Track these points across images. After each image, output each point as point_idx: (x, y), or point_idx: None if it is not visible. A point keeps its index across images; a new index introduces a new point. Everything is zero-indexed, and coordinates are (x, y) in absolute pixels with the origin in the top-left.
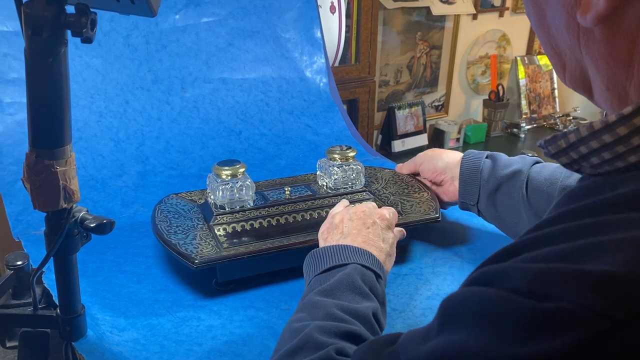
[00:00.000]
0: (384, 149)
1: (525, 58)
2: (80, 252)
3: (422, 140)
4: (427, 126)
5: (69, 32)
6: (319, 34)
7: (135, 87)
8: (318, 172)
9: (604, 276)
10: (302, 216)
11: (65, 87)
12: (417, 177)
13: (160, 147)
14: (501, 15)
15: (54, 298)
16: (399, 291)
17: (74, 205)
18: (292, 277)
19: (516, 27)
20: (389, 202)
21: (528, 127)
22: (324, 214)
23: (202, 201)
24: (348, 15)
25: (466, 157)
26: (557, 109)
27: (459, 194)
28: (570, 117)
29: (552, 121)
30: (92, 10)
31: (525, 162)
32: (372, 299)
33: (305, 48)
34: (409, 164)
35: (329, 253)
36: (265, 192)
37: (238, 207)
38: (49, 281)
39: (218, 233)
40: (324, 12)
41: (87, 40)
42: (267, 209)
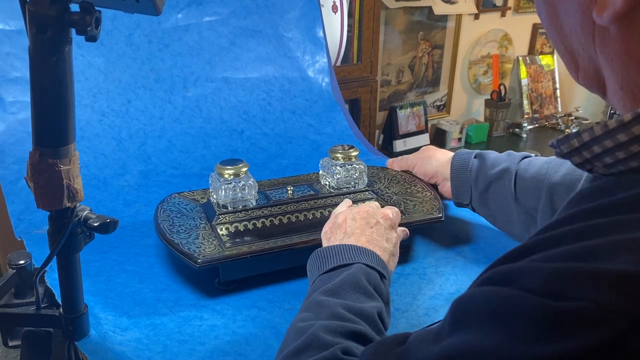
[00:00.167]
0: (386, 148)
1: (527, 58)
2: (82, 252)
3: (423, 140)
4: (429, 126)
5: (73, 31)
6: (321, 34)
7: (137, 86)
8: (320, 172)
9: (621, 275)
10: (305, 215)
11: (69, 86)
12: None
13: (163, 147)
14: (503, 15)
15: (56, 297)
16: (402, 291)
17: (78, 204)
18: (294, 276)
19: (518, 27)
20: (391, 202)
21: (530, 127)
22: (326, 213)
23: (205, 200)
24: (350, 15)
25: (455, 157)
26: (559, 109)
27: (452, 194)
28: (572, 117)
29: (554, 121)
30: (96, 8)
31: (512, 159)
32: (376, 298)
33: (308, 47)
34: (401, 162)
35: (333, 252)
36: (267, 192)
37: (240, 207)
38: (52, 280)
39: (220, 232)
40: (326, 12)
41: (91, 38)
42: (269, 208)
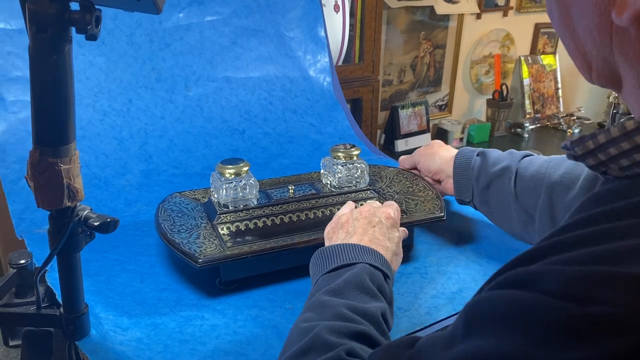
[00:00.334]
0: (387, 148)
1: (529, 58)
2: (83, 251)
3: (425, 139)
4: (431, 126)
5: (73, 29)
6: (322, 33)
7: (138, 86)
8: (322, 171)
9: None
10: (306, 215)
11: (69, 85)
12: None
13: (164, 146)
14: (505, 14)
15: (57, 297)
16: (404, 290)
17: (78, 203)
18: (296, 276)
19: (520, 27)
20: (393, 201)
21: (532, 127)
22: (328, 212)
23: (206, 200)
24: (352, 14)
25: (458, 155)
26: (561, 109)
27: (455, 192)
28: (574, 117)
29: (555, 121)
30: (96, 7)
31: (513, 157)
32: (380, 299)
33: (309, 47)
34: (409, 159)
35: (336, 252)
36: (269, 191)
37: (242, 206)
38: (53, 280)
39: (222, 232)
40: (327, 11)
41: (91, 37)
42: (270, 207)
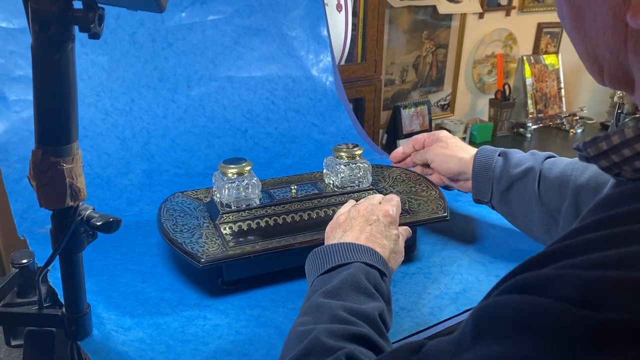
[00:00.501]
0: (390, 148)
1: (532, 57)
2: (85, 251)
3: None
4: (433, 125)
5: (76, 28)
6: (325, 32)
7: (141, 85)
8: (325, 171)
9: None
10: (309, 215)
11: (72, 84)
12: (426, 174)
13: (166, 146)
14: (508, 14)
15: (59, 297)
16: (407, 290)
17: (80, 203)
18: (298, 276)
19: (523, 26)
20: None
21: (534, 126)
22: (330, 212)
23: (208, 200)
24: (354, 14)
25: (479, 154)
26: (564, 109)
27: (473, 191)
28: (577, 117)
29: (558, 121)
30: (99, 5)
31: (536, 158)
32: (377, 298)
33: (312, 46)
34: (420, 156)
35: (332, 252)
36: (271, 191)
37: (244, 206)
38: (55, 280)
39: (224, 232)
40: (330, 10)
41: (94, 36)
42: (273, 207)
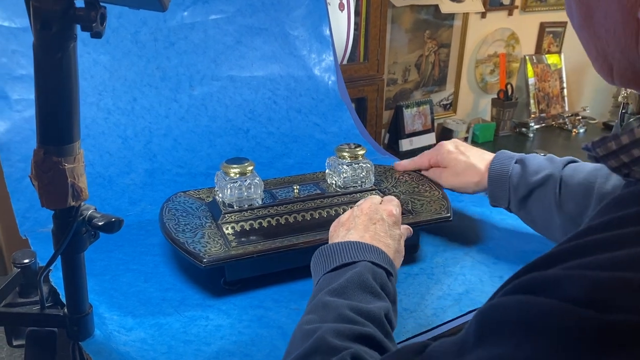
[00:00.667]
0: (392, 147)
1: (534, 57)
2: (87, 250)
3: (430, 139)
4: (435, 125)
5: (78, 27)
6: (327, 32)
7: (143, 85)
8: (327, 171)
9: None
10: (311, 215)
11: (74, 83)
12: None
13: (168, 145)
14: (510, 13)
15: (61, 297)
16: (410, 291)
17: (82, 202)
18: (301, 276)
19: (525, 26)
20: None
21: (537, 126)
22: (333, 212)
23: (210, 199)
24: (357, 13)
25: (495, 162)
26: (566, 109)
27: (489, 197)
28: (580, 117)
29: (560, 121)
30: (101, 4)
31: (555, 165)
32: (383, 298)
33: (314, 46)
34: (432, 174)
35: (338, 250)
36: (273, 191)
37: (246, 206)
38: (56, 279)
39: (226, 231)
40: (332, 10)
41: (96, 35)
42: (275, 207)
